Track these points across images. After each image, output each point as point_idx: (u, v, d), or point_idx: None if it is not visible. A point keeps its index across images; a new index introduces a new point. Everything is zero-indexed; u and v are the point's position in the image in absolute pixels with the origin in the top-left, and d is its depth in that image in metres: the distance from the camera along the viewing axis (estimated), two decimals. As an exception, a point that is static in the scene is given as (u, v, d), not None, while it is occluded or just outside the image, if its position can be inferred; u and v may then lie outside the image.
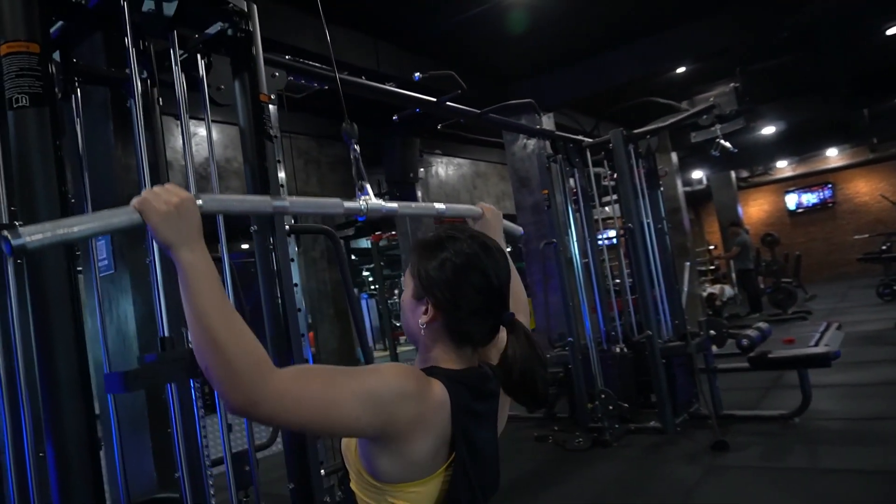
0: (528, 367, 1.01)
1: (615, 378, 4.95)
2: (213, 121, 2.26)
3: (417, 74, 3.24)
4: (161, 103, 2.32)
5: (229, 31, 2.08)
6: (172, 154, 5.12)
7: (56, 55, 2.17)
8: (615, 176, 5.05)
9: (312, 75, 2.73)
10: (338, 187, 8.17)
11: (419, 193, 8.89)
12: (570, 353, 5.04)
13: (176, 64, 1.92)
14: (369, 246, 12.24)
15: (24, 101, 1.50)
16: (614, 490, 3.88)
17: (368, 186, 1.39)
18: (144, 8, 1.83)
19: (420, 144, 8.72)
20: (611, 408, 4.61)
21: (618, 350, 5.03)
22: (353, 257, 13.01)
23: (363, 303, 12.77)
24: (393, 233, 10.00)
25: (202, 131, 6.41)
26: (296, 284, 2.55)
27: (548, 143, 5.21)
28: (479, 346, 1.07)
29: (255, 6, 2.13)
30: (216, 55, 2.22)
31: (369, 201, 1.36)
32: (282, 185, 2.62)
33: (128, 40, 1.79)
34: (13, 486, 1.64)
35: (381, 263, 11.22)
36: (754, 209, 17.91)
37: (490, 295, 1.04)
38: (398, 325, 11.14)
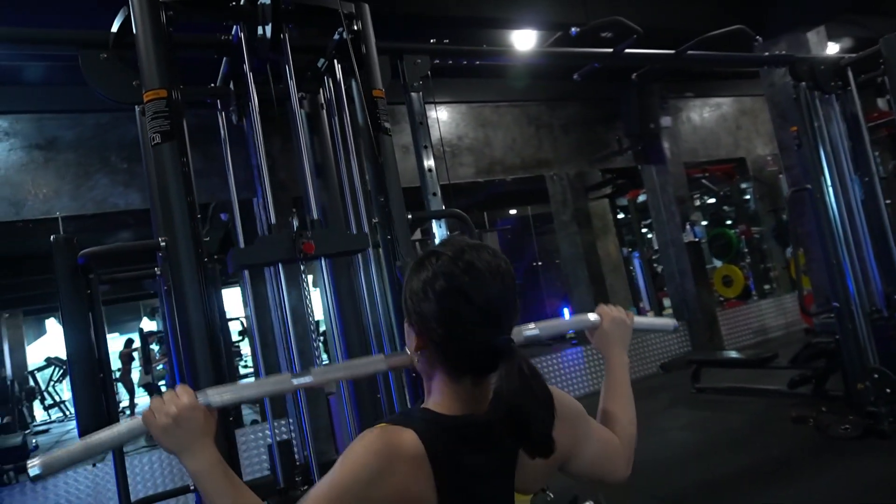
0: (518, 405, 0.86)
1: (902, 353, 3.93)
2: (441, 102, 2.49)
3: (574, 29, 2.95)
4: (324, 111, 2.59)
5: (344, 35, 2.19)
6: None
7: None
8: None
9: (457, 54, 2.70)
10: (572, 149, 7.95)
11: (665, 144, 8.15)
12: (837, 322, 4.18)
13: (291, 78, 2.09)
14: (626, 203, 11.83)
15: (157, 139, 1.81)
16: (881, 494, 3.12)
17: None
18: (259, 34, 2.04)
19: (663, 90, 7.93)
20: (888, 391, 3.69)
21: (903, 318, 3.97)
22: (621, 216, 12.61)
23: (636, 262, 12.32)
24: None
25: (442, 115, 6.83)
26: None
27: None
28: (479, 375, 0.96)
29: (365, 5, 2.19)
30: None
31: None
32: (429, 171, 2.69)
33: (245, 66, 2.02)
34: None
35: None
36: None
37: (475, 318, 0.91)
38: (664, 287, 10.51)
